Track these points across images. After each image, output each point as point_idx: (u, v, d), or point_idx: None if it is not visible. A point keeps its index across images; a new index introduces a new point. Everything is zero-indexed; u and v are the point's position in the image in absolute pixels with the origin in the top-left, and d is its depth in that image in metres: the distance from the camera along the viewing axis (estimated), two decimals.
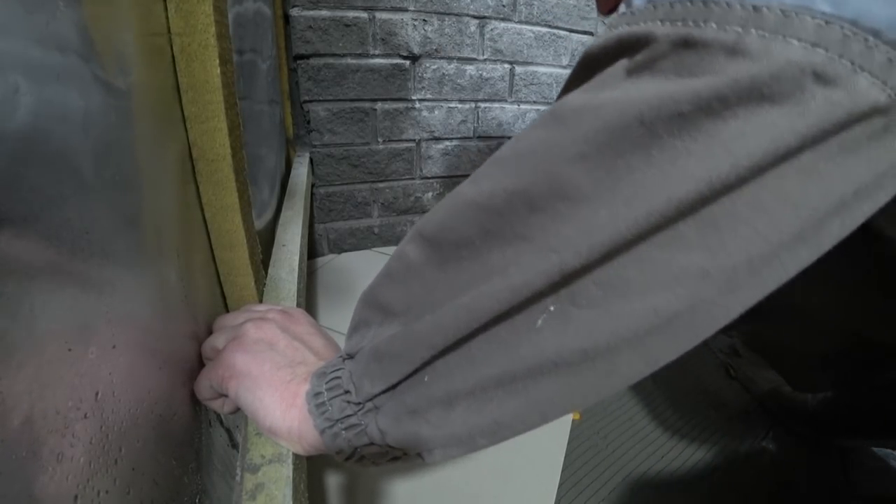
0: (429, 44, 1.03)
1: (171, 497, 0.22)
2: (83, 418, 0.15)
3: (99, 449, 0.16)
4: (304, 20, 0.91)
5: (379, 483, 0.57)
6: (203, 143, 0.35)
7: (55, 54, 0.16)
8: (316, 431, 0.24)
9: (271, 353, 0.28)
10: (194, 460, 0.28)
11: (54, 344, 0.14)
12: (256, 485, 0.27)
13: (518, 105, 1.20)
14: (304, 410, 0.24)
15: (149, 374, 0.22)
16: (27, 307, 0.13)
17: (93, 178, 0.18)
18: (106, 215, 0.19)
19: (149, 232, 0.24)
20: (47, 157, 0.15)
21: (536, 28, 1.13)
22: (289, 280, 0.49)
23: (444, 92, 1.10)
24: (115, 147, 0.21)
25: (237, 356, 0.27)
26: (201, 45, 0.32)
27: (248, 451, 0.30)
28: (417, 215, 1.22)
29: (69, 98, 0.17)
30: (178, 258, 0.28)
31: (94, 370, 0.16)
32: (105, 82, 0.20)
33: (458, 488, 0.57)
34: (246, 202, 0.41)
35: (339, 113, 1.02)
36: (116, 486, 0.17)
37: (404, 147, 1.12)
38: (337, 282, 1.03)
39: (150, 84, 0.27)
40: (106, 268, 0.18)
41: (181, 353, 0.28)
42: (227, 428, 0.38)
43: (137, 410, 0.19)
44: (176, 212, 0.29)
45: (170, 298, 0.26)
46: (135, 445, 0.18)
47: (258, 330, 0.29)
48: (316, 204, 1.10)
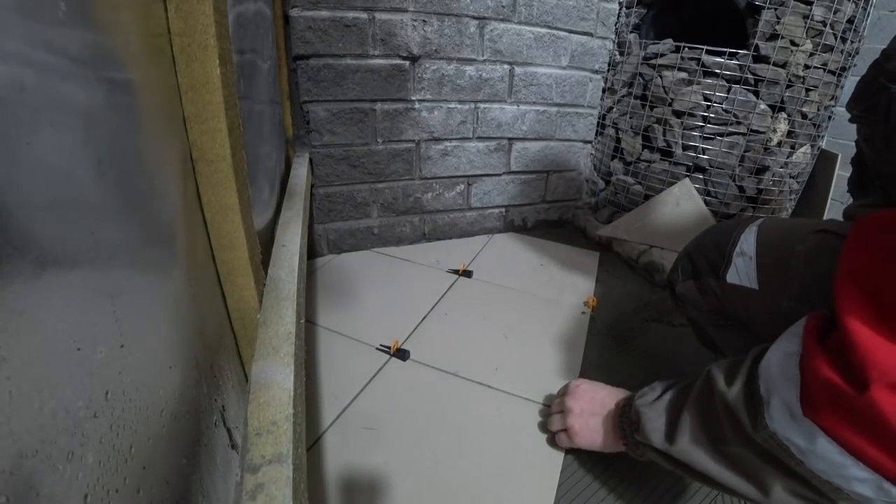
0: (428, 44, 1.03)
1: (181, 496, 0.22)
2: (93, 417, 0.15)
3: (109, 448, 0.16)
4: (304, 20, 0.91)
5: (379, 483, 0.57)
6: (203, 143, 0.35)
7: (57, 55, 0.16)
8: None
9: None
10: (202, 460, 0.28)
11: (63, 343, 0.14)
12: (256, 485, 0.27)
13: (517, 106, 1.20)
14: None
15: (159, 372, 0.22)
16: (35, 305, 0.14)
17: (94, 178, 0.18)
18: (112, 215, 0.19)
19: (156, 232, 0.24)
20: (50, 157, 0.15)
21: (536, 29, 1.13)
22: (288, 280, 0.49)
23: (444, 92, 1.10)
24: (119, 147, 0.21)
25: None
26: (201, 45, 0.32)
27: (248, 452, 0.30)
28: (417, 215, 1.22)
29: (72, 97, 0.17)
30: (185, 258, 0.28)
31: (104, 369, 0.16)
32: (107, 82, 0.20)
33: (458, 488, 0.57)
34: (246, 202, 0.41)
35: (339, 113, 1.02)
36: (126, 484, 0.17)
37: (404, 147, 1.12)
38: (336, 282, 1.03)
39: (150, 84, 0.27)
40: (113, 267, 0.18)
41: (190, 351, 0.28)
42: (227, 428, 0.38)
43: (148, 409, 0.19)
44: (180, 212, 0.29)
45: (178, 298, 0.26)
46: (146, 444, 0.18)
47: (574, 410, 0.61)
48: (315, 204, 1.10)
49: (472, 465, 0.61)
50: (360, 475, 0.58)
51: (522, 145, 1.26)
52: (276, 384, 0.35)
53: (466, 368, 0.78)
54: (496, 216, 1.34)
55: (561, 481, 0.59)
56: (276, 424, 0.31)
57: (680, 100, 1.10)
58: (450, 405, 0.70)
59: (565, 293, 1.04)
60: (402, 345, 0.83)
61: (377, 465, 0.60)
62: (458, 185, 1.23)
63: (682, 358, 0.85)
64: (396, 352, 0.80)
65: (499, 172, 1.27)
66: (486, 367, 0.79)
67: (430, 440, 0.64)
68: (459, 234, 1.31)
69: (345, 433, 0.64)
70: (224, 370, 0.40)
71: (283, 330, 0.41)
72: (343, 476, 0.58)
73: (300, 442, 0.35)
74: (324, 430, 0.64)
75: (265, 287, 0.47)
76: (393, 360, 0.79)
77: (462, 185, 1.23)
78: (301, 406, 0.38)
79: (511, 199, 1.33)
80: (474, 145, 1.19)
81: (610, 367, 0.82)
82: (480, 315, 0.94)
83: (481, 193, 1.27)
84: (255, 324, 0.44)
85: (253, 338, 0.44)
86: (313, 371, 0.75)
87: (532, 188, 1.35)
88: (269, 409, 0.32)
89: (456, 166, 1.20)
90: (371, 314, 0.92)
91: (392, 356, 0.80)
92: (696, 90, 1.07)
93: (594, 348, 0.86)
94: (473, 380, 0.76)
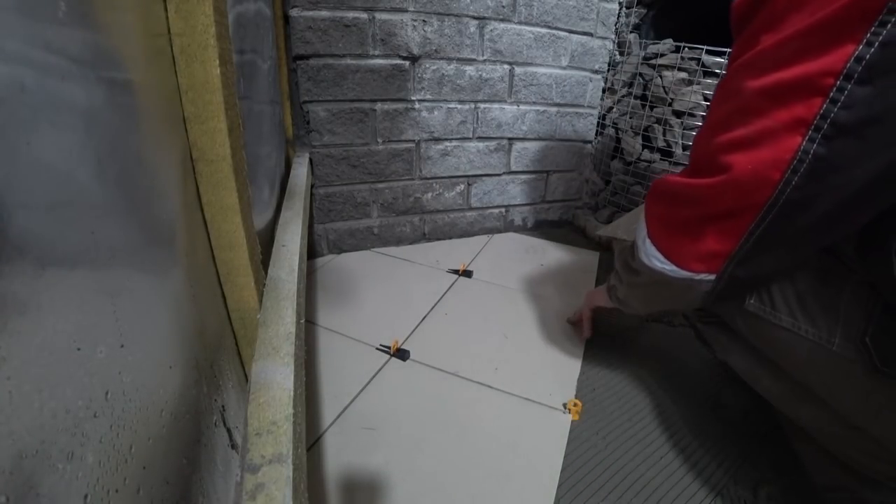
0: (428, 44, 1.03)
1: (181, 496, 0.22)
2: (93, 417, 0.15)
3: (109, 448, 0.16)
4: (304, 21, 0.91)
5: (379, 483, 0.57)
6: (203, 143, 0.35)
7: (57, 55, 0.16)
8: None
9: None
10: (202, 460, 0.28)
11: (63, 342, 0.14)
12: (256, 485, 0.27)
13: (518, 106, 1.20)
14: None
15: (159, 373, 0.22)
16: (35, 305, 0.14)
17: (94, 178, 0.18)
18: (112, 215, 0.19)
19: (156, 232, 0.24)
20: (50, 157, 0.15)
21: (536, 29, 1.13)
22: (288, 280, 0.49)
23: (444, 92, 1.10)
24: (119, 147, 0.21)
25: None
26: (201, 45, 0.32)
27: (248, 452, 0.30)
28: (417, 216, 1.22)
29: (72, 97, 0.17)
30: (185, 258, 0.28)
31: (104, 369, 0.16)
32: (107, 82, 0.20)
33: (458, 488, 0.57)
34: (246, 202, 0.41)
35: (339, 113, 1.02)
36: (126, 484, 0.17)
37: (404, 147, 1.12)
38: (336, 282, 1.03)
39: (150, 84, 0.27)
40: (113, 267, 0.18)
41: (190, 351, 0.28)
42: (227, 428, 0.38)
43: (148, 409, 0.19)
44: (180, 212, 0.29)
45: (178, 298, 0.26)
46: (146, 444, 0.18)
47: None
48: (315, 204, 1.10)
49: (472, 465, 0.61)
50: (360, 475, 0.58)
51: (522, 145, 1.26)
52: (276, 384, 0.35)
53: (466, 368, 0.78)
54: (496, 216, 1.34)
55: (561, 481, 0.59)
56: (276, 424, 0.31)
57: (680, 100, 1.10)
58: (450, 405, 0.70)
59: (565, 293, 1.04)
60: (402, 345, 0.83)
61: (377, 465, 0.60)
62: (458, 185, 1.23)
63: (683, 358, 0.85)
64: (396, 352, 0.80)
65: (499, 172, 1.27)
66: (486, 367, 0.79)
67: (430, 440, 0.64)
68: (459, 234, 1.31)
69: (345, 433, 0.64)
70: (224, 370, 0.40)
71: (283, 330, 0.41)
72: (343, 476, 0.58)
73: (300, 442, 0.35)
74: (324, 430, 0.64)
75: (265, 287, 0.47)
76: (393, 361, 0.79)
77: (462, 185, 1.23)
78: (301, 406, 0.38)
79: (511, 199, 1.33)
80: (474, 145, 1.19)
81: (610, 366, 0.82)
82: (480, 315, 0.94)
83: (481, 193, 1.27)
84: (255, 324, 0.44)
85: (253, 338, 0.44)
86: (313, 371, 0.75)
87: (532, 188, 1.35)
88: (269, 409, 0.32)
89: (456, 166, 1.20)
90: (371, 314, 0.92)
91: (392, 356, 0.80)
92: (696, 90, 1.07)
93: (594, 348, 0.86)
94: (473, 380, 0.76)
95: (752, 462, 0.64)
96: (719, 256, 0.45)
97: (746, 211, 0.41)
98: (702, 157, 0.46)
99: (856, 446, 0.47)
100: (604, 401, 0.74)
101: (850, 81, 0.33)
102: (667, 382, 0.79)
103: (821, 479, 0.53)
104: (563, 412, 0.70)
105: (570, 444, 0.65)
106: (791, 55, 0.37)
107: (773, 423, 0.70)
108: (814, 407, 0.49)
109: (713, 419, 0.71)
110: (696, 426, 0.70)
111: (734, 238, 0.43)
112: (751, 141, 0.40)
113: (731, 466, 0.63)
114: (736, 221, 0.42)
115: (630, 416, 0.71)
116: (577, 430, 0.67)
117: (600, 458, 0.63)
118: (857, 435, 0.46)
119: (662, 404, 0.74)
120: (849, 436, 0.47)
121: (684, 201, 0.47)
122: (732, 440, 0.67)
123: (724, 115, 0.43)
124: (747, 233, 0.42)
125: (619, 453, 0.64)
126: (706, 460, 0.64)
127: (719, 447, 0.66)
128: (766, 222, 0.41)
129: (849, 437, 0.47)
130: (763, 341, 0.52)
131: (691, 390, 0.77)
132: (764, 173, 0.39)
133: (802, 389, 0.50)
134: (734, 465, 0.63)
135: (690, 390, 0.77)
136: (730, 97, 0.42)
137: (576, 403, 0.70)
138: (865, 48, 0.32)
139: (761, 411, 0.72)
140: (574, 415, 0.70)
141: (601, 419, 0.70)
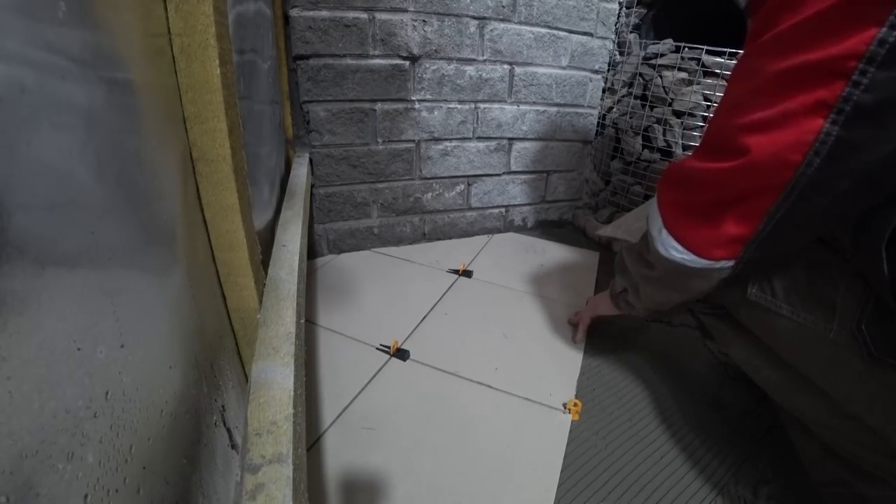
0: (428, 44, 1.03)
1: (181, 496, 0.22)
2: (93, 417, 0.15)
3: (109, 448, 0.16)
4: (304, 21, 0.91)
5: (379, 483, 0.57)
6: (203, 143, 0.35)
7: (57, 55, 0.16)
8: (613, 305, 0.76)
9: None
10: (202, 460, 0.28)
11: (63, 342, 0.14)
12: (256, 485, 0.27)
13: (517, 106, 1.20)
14: None
15: (159, 372, 0.22)
16: (35, 305, 0.14)
17: (94, 178, 0.18)
18: (112, 215, 0.19)
19: (156, 232, 0.24)
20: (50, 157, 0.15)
21: (536, 29, 1.13)
22: (288, 280, 0.49)
23: (444, 93, 1.10)
24: (119, 147, 0.21)
25: None
26: (201, 45, 0.32)
27: (248, 452, 0.30)
28: (417, 216, 1.22)
29: (72, 97, 0.17)
30: (185, 258, 0.28)
31: (104, 369, 0.16)
32: (107, 82, 0.20)
33: (458, 488, 0.57)
34: (246, 202, 0.41)
35: (339, 113, 1.02)
36: (126, 484, 0.17)
37: (404, 147, 1.12)
38: (336, 282, 1.03)
39: (150, 84, 0.27)
40: (113, 267, 0.18)
41: (190, 351, 0.28)
42: (227, 428, 0.38)
43: (148, 409, 0.19)
44: (180, 212, 0.29)
45: (178, 298, 0.26)
46: (146, 444, 0.18)
47: None
48: (315, 204, 1.10)
49: (472, 465, 0.61)
50: (360, 475, 0.58)
51: (522, 145, 1.26)
52: (276, 384, 0.35)
53: (466, 368, 0.78)
54: (496, 216, 1.34)
55: (561, 481, 0.59)
56: (276, 424, 0.31)
57: (680, 100, 1.10)
58: (450, 405, 0.70)
59: (565, 293, 1.04)
60: (402, 345, 0.83)
61: (377, 465, 0.60)
62: (458, 185, 1.23)
63: (683, 358, 0.85)
64: (396, 352, 0.80)
65: (499, 172, 1.27)
66: (486, 367, 0.79)
67: (430, 440, 0.64)
68: (459, 234, 1.31)
69: (345, 433, 0.64)
70: (224, 370, 0.40)
71: (283, 330, 0.41)
72: (343, 476, 0.58)
73: (300, 442, 0.35)
74: (324, 430, 0.64)
75: (265, 287, 0.47)
76: (393, 360, 0.79)
77: (462, 185, 1.23)
78: (301, 406, 0.38)
79: (511, 199, 1.33)
80: (474, 145, 1.19)
81: (610, 366, 0.82)
82: (480, 315, 0.94)
83: (481, 193, 1.27)
84: (255, 324, 0.44)
85: (253, 338, 0.44)
86: (313, 371, 0.75)
87: (532, 188, 1.35)
88: (269, 409, 0.32)
89: (456, 166, 1.20)
90: (371, 314, 0.92)
91: (392, 356, 0.80)
92: (696, 90, 1.07)
93: (594, 348, 0.86)
94: (473, 380, 0.76)
95: (752, 462, 0.64)
96: (739, 241, 0.45)
97: (766, 193, 0.41)
98: (719, 138, 0.45)
99: (853, 437, 0.47)
100: (604, 401, 0.74)
101: (873, 65, 0.33)
102: (667, 382, 0.79)
103: (817, 475, 0.53)
104: (563, 412, 0.70)
105: (570, 445, 0.65)
106: (812, 37, 0.36)
107: (774, 423, 0.70)
108: (812, 397, 0.49)
109: (713, 419, 0.71)
110: (696, 426, 0.70)
111: (754, 221, 0.43)
112: (771, 123, 0.39)
113: (731, 466, 0.63)
114: (755, 204, 0.42)
115: (630, 416, 0.71)
116: (577, 430, 0.67)
117: (600, 459, 0.63)
118: (855, 426, 0.46)
119: (662, 404, 0.74)
120: (846, 427, 0.47)
121: (702, 185, 0.46)
122: (732, 440, 0.67)
123: (742, 96, 0.42)
124: (767, 215, 0.42)
125: (619, 453, 0.64)
126: (706, 460, 0.64)
127: (719, 447, 0.66)
128: (786, 204, 0.40)
129: (846, 428, 0.47)
130: (764, 330, 0.52)
131: (691, 390, 0.77)
132: (784, 155, 0.39)
133: (801, 379, 0.50)
134: (734, 464, 0.63)
135: (690, 390, 0.77)
136: (748, 78, 0.42)
137: (576, 403, 0.70)
138: (888, 31, 0.32)
139: (761, 411, 0.72)
140: (574, 415, 0.70)
141: (601, 419, 0.70)
